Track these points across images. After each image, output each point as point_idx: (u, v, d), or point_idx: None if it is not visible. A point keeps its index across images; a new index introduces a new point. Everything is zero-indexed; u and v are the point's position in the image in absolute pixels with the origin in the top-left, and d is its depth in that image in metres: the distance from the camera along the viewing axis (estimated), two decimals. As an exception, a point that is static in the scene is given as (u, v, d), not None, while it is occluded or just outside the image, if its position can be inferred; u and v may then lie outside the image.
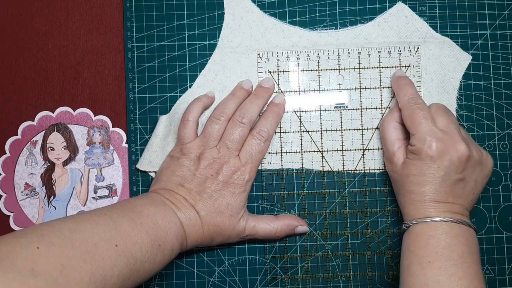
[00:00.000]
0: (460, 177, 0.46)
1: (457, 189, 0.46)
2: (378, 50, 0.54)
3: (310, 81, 0.54)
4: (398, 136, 0.50)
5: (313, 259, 0.53)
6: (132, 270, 0.40)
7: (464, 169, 0.46)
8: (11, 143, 0.53)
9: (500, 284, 0.53)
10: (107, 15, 0.54)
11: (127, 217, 0.42)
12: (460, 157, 0.45)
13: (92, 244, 0.38)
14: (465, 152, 0.45)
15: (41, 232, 0.36)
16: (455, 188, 0.46)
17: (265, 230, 0.50)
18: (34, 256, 0.34)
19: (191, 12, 0.54)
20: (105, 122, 0.54)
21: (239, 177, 0.48)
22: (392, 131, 0.50)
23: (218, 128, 0.49)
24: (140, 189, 0.53)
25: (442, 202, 0.45)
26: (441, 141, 0.45)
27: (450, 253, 0.43)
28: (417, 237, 0.45)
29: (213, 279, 0.52)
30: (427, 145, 0.45)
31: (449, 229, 0.44)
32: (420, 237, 0.45)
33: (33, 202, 0.53)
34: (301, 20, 0.54)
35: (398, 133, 0.50)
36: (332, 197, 0.53)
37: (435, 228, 0.44)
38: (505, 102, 0.54)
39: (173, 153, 0.50)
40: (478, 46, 0.54)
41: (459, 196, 0.46)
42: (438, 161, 0.45)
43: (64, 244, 0.36)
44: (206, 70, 0.54)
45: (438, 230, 0.44)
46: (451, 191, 0.46)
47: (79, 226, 0.39)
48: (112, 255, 0.38)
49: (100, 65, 0.54)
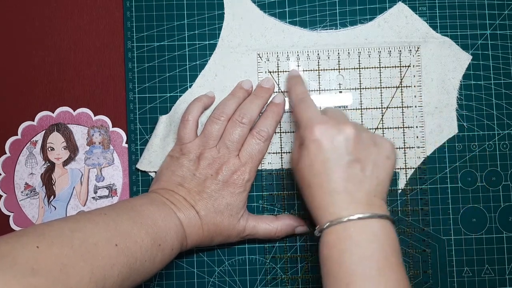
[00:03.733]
0: (352, 158, 0.41)
1: (355, 174, 0.41)
2: (378, 50, 0.54)
3: (310, 81, 0.54)
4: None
5: (313, 259, 0.53)
6: (132, 270, 0.40)
7: (355, 150, 0.42)
8: (11, 143, 0.53)
9: (500, 284, 0.53)
10: (107, 15, 0.54)
11: (127, 216, 0.42)
12: (346, 137, 0.42)
13: (92, 244, 0.38)
14: (352, 131, 0.42)
15: (41, 232, 0.37)
16: (352, 172, 0.41)
17: (265, 230, 0.50)
18: (34, 255, 0.34)
19: (191, 12, 0.54)
20: (105, 122, 0.54)
21: (239, 177, 0.48)
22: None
23: (218, 128, 0.49)
24: (140, 189, 0.53)
25: (342, 191, 0.41)
26: (324, 124, 0.42)
27: (364, 270, 0.38)
28: (330, 252, 0.40)
29: (213, 279, 0.52)
30: (309, 129, 0.42)
31: (360, 233, 0.39)
32: (333, 251, 0.40)
33: (33, 202, 0.53)
34: (301, 20, 0.54)
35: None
36: (332, 197, 0.53)
37: (345, 235, 0.40)
38: (505, 102, 0.54)
39: (173, 153, 0.50)
40: (478, 46, 0.54)
41: (360, 182, 0.41)
42: (324, 143, 0.42)
43: (64, 243, 0.36)
44: (206, 70, 0.54)
45: (349, 240, 0.39)
46: (348, 176, 0.41)
47: (79, 225, 0.39)
48: (112, 254, 0.38)
49: (100, 65, 0.54)
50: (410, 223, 0.53)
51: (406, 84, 0.54)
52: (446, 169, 0.53)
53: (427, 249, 0.53)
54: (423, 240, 0.53)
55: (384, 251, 0.39)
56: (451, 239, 0.53)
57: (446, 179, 0.53)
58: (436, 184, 0.53)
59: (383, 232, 0.40)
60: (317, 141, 0.42)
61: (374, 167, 0.42)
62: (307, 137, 0.42)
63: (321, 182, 0.41)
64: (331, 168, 0.41)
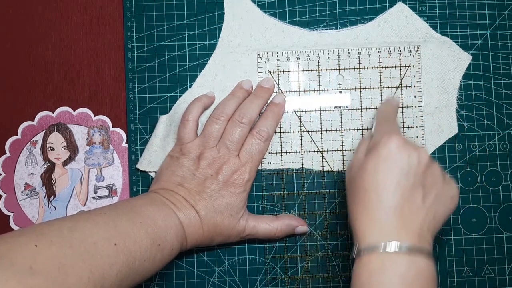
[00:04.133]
0: (417, 182, 0.40)
1: (415, 199, 0.39)
2: (378, 50, 0.54)
3: (310, 81, 0.54)
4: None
5: (313, 259, 0.53)
6: (131, 269, 0.40)
7: (423, 174, 0.40)
8: (11, 143, 0.53)
9: (500, 284, 0.52)
10: (107, 15, 0.54)
11: (126, 216, 0.42)
12: (420, 159, 0.40)
13: (91, 243, 0.38)
14: (427, 156, 0.41)
15: (40, 231, 0.37)
16: (412, 196, 0.39)
17: (265, 230, 0.50)
18: (33, 254, 0.34)
19: (191, 12, 0.54)
20: (105, 122, 0.54)
21: (239, 177, 0.48)
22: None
23: (218, 128, 0.49)
24: (140, 189, 0.53)
25: (397, 213, 0.38)
26: (403, 139, 0.41)
27: None
28: (368, 280, 0.37)
29: (213, 279, 0.52)
30: (387, 138, 0.41)
31: (407, 267, 0.37)
32: (372, 282, 0.37)
33: (33, 202, 0.53)
34: (301, 20, 0.54)
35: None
36: (332, 197, 0.53)
37: (389, 265, 0.37)
38: (505, 102, 0.54)
39: (173, 153, 0.50)
40: (478, 46, 0.54)
41: (417, 210, 0.39)
42: (397, 155, 0.40)
43: (63, 243, 0.36)
44: (206, 70, 0.54)
45: (393, 272, 0.36)
46: (407, 199, 0.39)
47: (78, 225, 0.39)
48: (111, 254, 0.38)
49: (100, 65, 0.54)
50: (410, 223, 0.53)
51: (406, 84, 0.54)
52: (446, 169, 0.53)
53: (427, 249, 0.53)
54: (423, 240, 0.53)
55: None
56: (451, 239, 0.53)
57: (446, 179, 0.53)
58: (436, 184, 0.53)
59: (429, 271, 0.37)
60: (390, 151, 0.40)
61: (436, 200, 0.40)
62: (381, 145, 0.41)
63: (377, 196, 0.39)
64: (394, 183, 0.39)
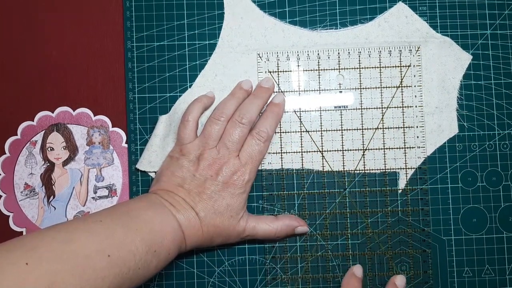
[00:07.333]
0: None
1: None
2: (379, 50, 0.54)
3: (310, 81, 0.54)
4: None
5: (313, 259, 0.53)
6: (125, 279, 0.39)
7: None
8: (10, 143, 0.53)
9: (500, 284, 0.52)
10: (107, 15, 0.54)
11: (122, 223, 0.42)
12: None
13: (83, 256, 0.37)
14: None
15: (31, 246, 0.36)
16: None
17: (265, 231, 0.50)
18: (23, 274, 0.34)
19: (191, 12, 0.54)
20: (105, 122, 0.54)
21: (239, 177, 0.48)
22: None
23: (218, 128, 0.49)
24: (140, 189, 0.53)
25: None
26: None
27: None
28: None
29: (213, 279, 0.52)
30: None
31: None
32: None
33: (32, 202, 0.53)
34: (301, 20, 0.54)
35: None
36: (332, 197, 0.53)
37: None
38: (505, 102, 0.54)
39: (173, 154, 0.50)
40: (478, 46, 0.54)
41: None
42: None
43: (55, 258, 0.36)
44: (206, 70, 0.53)
45: None
46: None
47: (72, 236, 0.38)
48: (104, 266, 0.38)
49: (100, 65, 0.54)
50: (410, 224, 0.53)
51: (407, 84, 0.53)
52: (447, 169, 0.53)
53: (428, 249, 0.53)
54: (424, 241, 0.53)
55: None
56: (451, 239, 0.53)
57: (446, 179, 0.53)
58: (437, 184, 0.53)
59: None
60: None
61: None
62: None
63: None
64: None
